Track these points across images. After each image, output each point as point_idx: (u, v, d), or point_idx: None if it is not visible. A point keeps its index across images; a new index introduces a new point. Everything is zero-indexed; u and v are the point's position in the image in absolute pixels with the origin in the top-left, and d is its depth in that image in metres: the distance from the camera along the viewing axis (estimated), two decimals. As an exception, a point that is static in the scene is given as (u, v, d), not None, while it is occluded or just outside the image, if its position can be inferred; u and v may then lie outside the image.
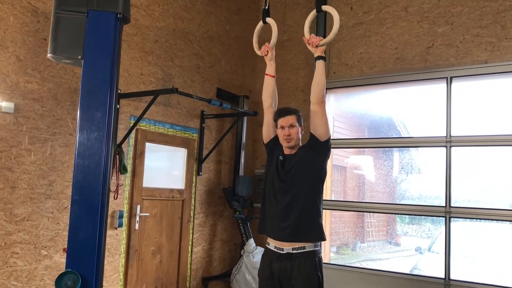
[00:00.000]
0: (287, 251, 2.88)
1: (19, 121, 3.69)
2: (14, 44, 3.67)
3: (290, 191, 2.93)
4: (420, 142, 5.13)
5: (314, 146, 2.96)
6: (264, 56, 3.26)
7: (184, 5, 5.25)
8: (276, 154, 3.09)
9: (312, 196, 2.94)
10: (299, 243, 2.87)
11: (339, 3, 5.67)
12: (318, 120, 2.93)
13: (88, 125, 2.68)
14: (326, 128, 2.94)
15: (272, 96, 3.18)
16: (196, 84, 5.38)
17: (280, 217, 2.91)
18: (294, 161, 2.97)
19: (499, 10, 4.63)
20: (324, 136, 2.93)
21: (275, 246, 2.94)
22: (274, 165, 3.05)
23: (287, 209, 2.90)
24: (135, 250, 4.59)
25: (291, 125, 3.01)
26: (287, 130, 3.00)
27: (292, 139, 3.00)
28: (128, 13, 2.92)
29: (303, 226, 2.88)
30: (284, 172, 2.98)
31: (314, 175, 2.96)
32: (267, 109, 3.17)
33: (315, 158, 2.96)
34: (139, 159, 4.68)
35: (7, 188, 3.60)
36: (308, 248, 2.88)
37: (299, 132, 3.05)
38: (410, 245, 5.91)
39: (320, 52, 3.00)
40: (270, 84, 3.19)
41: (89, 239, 2.62)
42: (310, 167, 2.95)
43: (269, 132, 3.17)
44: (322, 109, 2.93)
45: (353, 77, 5.49)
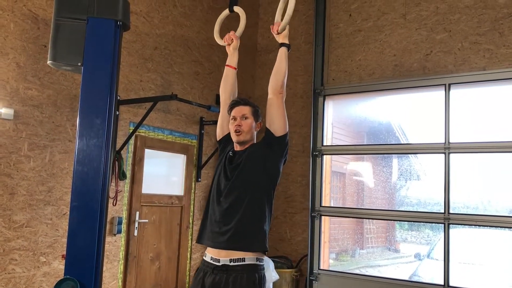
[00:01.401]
0: (224, 262, 2.45)
1: (19, 128, 3.70)
2: (14, 51, 3.69)
3: (234, 190, 2.54)
4: (418, 149, 5.15)
5: (267, 141, 2.62)
6: (227, 46, 3.01)
7: (184, 12, 5.28)
8: (227, 151, 2.74)
9: (259, 198, 2.54)
10: (238, 253, 2.45)
11: (338, 10, 5.70)
12: (274, 112, 2.61)
13: (87, 131, 2.69)
14: (282, 121, 2.60)
15: (231, 89, 2.90)
16: (195, 90, 5.40)
17: (220, 221, 2.53)
18: (243, 157, 2.61)
19: (496, 17, 4.65)
20: (279, 130, 2.59)
21: (211, 257, 2.52)
22: (223, 162, 2.70)
23: (229, 211, 2.51)
24: (134, 256, 4.58)
25: (244, 115, 2.66)
26: (238, 121, 2.65)
27: (243, 132, 2.63)
28: (128, 20, 2.93)
29: (245, 232, 2.48)
30: (231, 168, 2.62)
31: (264, 174, 2.58)
32: (223, 102, 2.88)
33: (268, 154, 2.60)
34: (138, 165, 4.68)
35: (6, 195, 3.60)
36: (248, 261, 2.45)
37: (253, 126, 2.68)
38: (409, 252, 5.90)
39: (282, 38, 2.74)
40: (231, 76, 2.92)
41: (88, 246, 2.61)
42: (260, 163, 2.58)
43: (222, 128, 2.85)
44: (279, 100, 2.61)
45: (352, 84, 5.51)
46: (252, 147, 2.67)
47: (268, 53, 6.23)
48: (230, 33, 3.00)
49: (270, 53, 6.16)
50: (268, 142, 2.62)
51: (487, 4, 4.72)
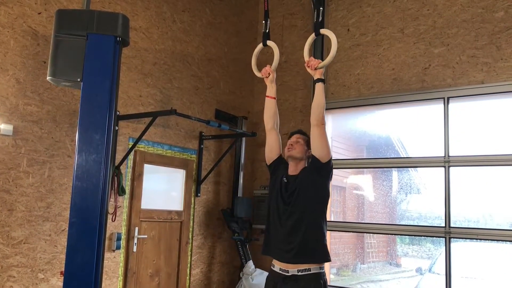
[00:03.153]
0: (292, 273, 2.86)
1: (18, 144, 3.69)
2: (14, 67, 3.70)
3: (294, 213, 2.92)
4: (418, 162, 5.14)
5: (316, 167, 2.96)
6: (265, 78, 3.29)
7: (183, 27, 5.31)
8: (279, 175, 3.09)
9: (316, 218, 2.93)
10: (304, 265, 2.86)
11: (336, 25, 5.73)
12: (318, 141, 2.93)
13: (86, 147, 2.68)
14: (326, 149, 2.94)
15: (274, 118, 3.20)
16: (194, 105, 5.41)
17: (285, 240, 2.91)
18: (297, 183, 2.97)
19: (494, 31, 4.68)
20: (325, 157, 2.93)
21: (280, 268, 2.92)
22: (278, 187, 3.05)
23: (292, 231, 2.90)
24: (133, 272, 4.55)
25: (297, 140, 3.09)
26: (292, 142, 3.09)
27: (294, 149, 3.05)
28: (127, 36, 2.95)
29: (308, 248, 2.88)
30: (288, 195, 2.98)
31: (317, 197, 2.96)
32: (269, 131, 3.19)
33: (317, 179, 2.96)
34: (138, 181, 4.66)
35: (4, 211, 3.58)
36: (314, 270, 2.86)
37: (304, 150, 3.07)
38: (411, 266, 5.85)
39: (319, 74, 3.03)
40: (271, 106, 3.21)
41: (87, 262, 2.59)
42: (312, 189, 2.95)
43: (271, 153, 3.18)
44: (322, 130, 2.94)
45: (350, 98, 5.53)
46: (303, 173, 3.02)
47: (267, 67, 6.25)
48: (266, 67, 3.27)
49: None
50: (316, 169, 2.96)
51: (484, 18, 4.75)
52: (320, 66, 3.03)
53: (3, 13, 3.67)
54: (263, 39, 3.43)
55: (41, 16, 3.92)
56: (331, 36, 3.05)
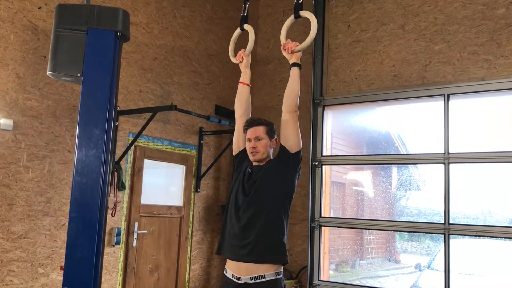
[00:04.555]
0: (245, 281, 2.56)
1: (18, 138, 3.69)
2: (14, 62, 3.69)
3: (252, 205, 2.64)
4: (418, 159, 5.14)
5: (283, 157, 2.72)
6: (239, 64, 3.12)
7: (183, 23, 5.30)
8: (244, 167, 2.84)
9: (276, 212, 2.65)
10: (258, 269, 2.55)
11: (337, 21, 5.72)
12: (289, 130, 2.71)
13: (86, 142, 2.69)
14: (296, 139, 2.72)
15: (245, 105, 3.01)
16: (194, 101, 5.40)
17: (240, 234, 2.62)
18: (260, 173, 2.72)
19: (495, 28, 4.68)
20: (294, 147, 2.71)
21: (232, 275, 2.62)
22: (241, 178, 2.79)
23: (248, 225, 2.61)
24: (133, 267, 4.56)
25: (258, 137, 2.77)
26: (253, 143, 2.76)
27: (258, 153, 2.75)
28: (128, 31, 2.95)
29: (265, 245, 2.59)
30: (249, 184, 2.72)
31: (280, 189, 2.69)
32: (238, 118, 2.98)
33: (283, 170, 2.71)
34: (137, 176, 4.67)
35: (4, 206, 3.59)
36: (269, 277, 2.55)
37: (268, 145, 2.79)
38: (410, 262, 5.87)
39: (295, 58, 2.85)
40: (244, 92, 3.04)
41: (86, 257, 2.60)
42: (277, 180, 2.69)
43: (238, 143, 2.95)
44: (294, 118, 2.72)
45: (351, 94, 5.52)
46: (269, 164, 2.77)
47: (266, 64, 6.25)
48: (240, 51, 3.12)
49: (269, 64, 6.18)
50: (284, 159, 2.71)
51: (485, 15, 4.74)
52: (297, 50, 2.84)
53: (3, 7, 3.66)
54: (241, 23, 3.28)
55: (41, 11, 3.91)
56: (311, 18, 2.86)
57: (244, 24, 3.26)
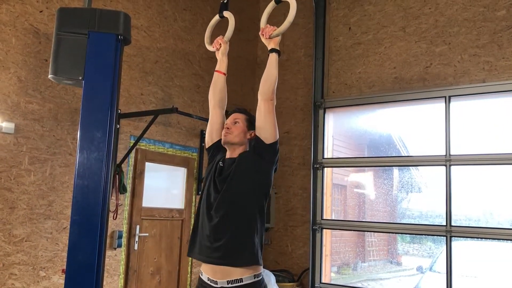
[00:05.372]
0: (222, 285, 2.35)
1: (19, 142, 3.70)
2: (15, 65, 3.70)
3: (224, 203, 2.41)
4: (419, 161, 5.14)
5: (257, 149, 2.49)
6: (216, 51, 2.97)
7: (184, 26, 5.31)
8: (216, 160, 2.63)
9: (250, 210, 2.42)
10: (234, 273, 2.34)
11: (338, 24, 5.73)
12: (264, 118, 2.54)
13: (88, 145, 2.69)
14: (273, 128, 2.51)
15: (220, 95, 2.88)
16: (196, 103, 5.41)
17: (211, 235, 2.39)
18: (233, 167, 2.48)
19: (495, 30, 4.68)
20: (270, 137, 2.49)
21: (208, 278, 2.41)
22: (212, 173, 2.56)
23: (219, 225, 2.38)
24: (134, 270, 4.55)
25: (236, 120, 2.65)
26: (229, 124, 2.63)
27: (230, 134, 2.58)
28: (129, 34, 2.95)
29: (238, 247, 2.37)
30: (220, 180, 2.49)
31: (255, 184, 2.45)
32: (212, 108, 2.85)
33: (258, 163, 2.47)
34: (139, 179, 4.67)
35: (6, 209, 3.59)
36: (246, 281, 2.34)
37: (244, 132, 2.61)
38: (412, 265, 5.86)
39: (274, 44, 2.69)
40: (220, 81, 2.93)
41: (88, 260, 2.60)
42: (251, 173, 2.46)
43: (211, 135, 2.77)
44: (270, 106, 2.57)
45: (352, 97, 5.52)
46: (242, 155, 2.55)
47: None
48: (218, 38, 2.96)
49: (270, 66, 6.17)
50: (259, 150, 2.50)
51: (486, 17, 4.75)
52: (275, 34, 2.68)
53: (5, 11, 3.67)
54: (220, 10, 3.10)
55: (43, 14, 3.92)
56: (290, 1, 2.72)
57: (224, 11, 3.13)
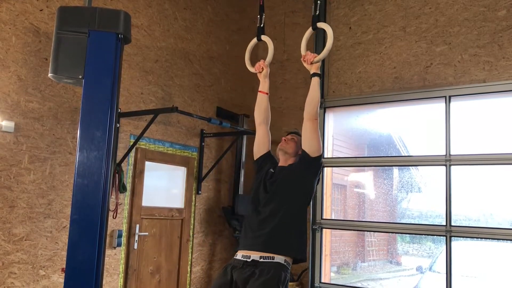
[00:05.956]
0: (254, 258, 2.68)
1: (19, 140, 3.70)
2: (15, 64, 3.70)
3: (272, 202, 2.81)
4: (419, 161, 5.13)
5: (304, 162, 2.89)
6: (258, 73, 3.30)
7: (185, 25, 5.31)
8: (266, 168, 3.02)
9: (294, 211, 2.81)
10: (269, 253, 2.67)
11: (338, 23, 5.72)
12: (310, 135, 2.88)
13: (88, 144, 2.69)
14: (317, 143, 2.88)
15: (265, 113, 3.19)
16: (196, 103, 5.41)
17: (257, 226, 2.77)
18: (282, 173, 2.91)
19: (496, 30, 4.67)
20: (315, 151, 2.87)
21: (242, 255, 2.74)
22: (263, 177, 2.97)
23: (266, 218, 2.76)
24: (134, 270, 4.55)
25: (292, 138, 3.06)
26: (287, 138, 3.06)
27: (287, 144, 3.02)
28: (129, 33, 2.95)
29: (278, 238, 2.71)
30: (270, 182, 2.90)
31: (299, 190, 2.88)
32: (258, 126, 3.16)
33: (304, 172, 2.89)
34: (139, 178, 4.67)
35: (6, 208, 3.59)
36: (277, 260, 2.66)
37: (296, 148, 3.01)
38: (411, 265, 5.86)
39: (315, 69, 3.01)
40: (263, 101, 3.23)
41: (88, 259, 2.60)
42: (297, 180, 2.87)
43: (260, 148, 3.11)
44: (315, 125, 2.90)
45: (352, 96, 5.52)
46: (291, 165, 2.96)
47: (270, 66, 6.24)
48: (260, 61, 3.29)
49: (270, 66, 6.16)
50: (305, 163, 2.88)
51: (487, 17, 4.74)
52: (316, 60, 2.99)
53: (5, 10, 3.67)
54: (258, 34, 3.44)
55: (43, 13, 3.92)
56: (327, 30, 3.02)
57: (262, 35, 3.42)
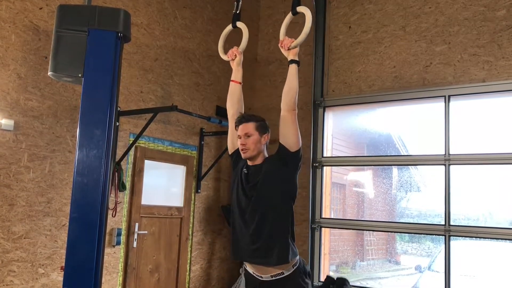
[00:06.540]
0: (266, 278, 2.66)
1: (19, 139, 3.70)
2: (15, 62, 3.70)
3: (257, 209, 2.65)
4: (419, 160, 5.14)
5: (283, 157, 2.67)
6: (231, 61, 3.06)
7: (184, 24, 5.31)
8: (240, 166, 2.83)
9: (282, 214, 2.67)
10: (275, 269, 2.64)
11: (338, 22, 5.73)
12: (288, 128, 2.65)
13: (87, 142, 2.69)
14: (296, 137, 2.65)
15: (237, 104, 2.96)
16: (195, 102, 5.41)
17: (250, 238, 2.66)
18: (260, 175, 2.69)
19: (495, 29, 4.68)
20: (294, 146, 2.65)
21: (253, 272, 2.73)
22: (239, 179, 2.78)
23: (256, 230, 2.64)
24: (133, 268, 4.56)
25: (247, 134, 2.72)
26: (242, 139, 2.73)
27: (248, 150, 2.71)
28: (129, 32, 2.95)
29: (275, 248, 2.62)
30: (249, 187, 2.70)
31: (282, 191, 2.68)
32: (231, 117, 2.94)
33: (284, 171, 2.67)
34: (138, 177, 4.67)
35: (5, 206, 3.59)
36: (287, 272, 2.65)
37: (258, 141, 2.72)
38: (410, 264, 5.87)
39: (292, 55, 2.77)
40: (236, 91, 2.98)
41: (87, 257, 2.60)
42: (278, 181, 2.67)
43: (233, 142, 2.91)
44: (293, 117, 2.66)
45: (351, 95, 5.52)
46: (266, 164, 2.72)
47: (267, 64, 6.25)
48: (233, 48, 3.04)
49: (270, 64, 6.18)
50: (283, 158, 2.67)
51: (486, 16, 4.74)
52: (293, 46, 2.76)
53: (5, 8, 3.66)
54: (233, 21, 3.23)
55: (43, 11, 3.92)
56: (306, 13, 2.81)
57: (237, 21, 3.20)
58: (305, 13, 2.82)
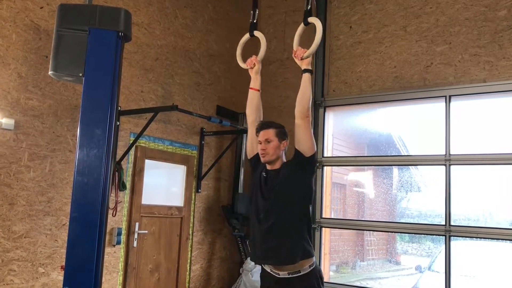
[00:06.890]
0: (283, 276, 2.78)
1: (19, 138, 3.70)
2: (15, 61, 3.70)
3: (273, 211, 2.79)
4: (419, 161, 5.14)
5: (298, 162, 2.82)
6: (250, 69, 3.19)
7: (185, 23, 5.31)
8: (259, 170, 2.97)
9: (296, 215, 2.80)
10: (292, 268, 2.76)
11: (339, 22, 5.72)
12: (302, 134, 2.78)
13: (87, 142, 2.69)
14: (310, 142, 2.79)
15: (257, 111, 3.08)
16: (196, 101, 5.41)
17: (264, 239, 2.80)
18: (277, 179, 2.84)
19: (496, 30, 4.67)
20: (309, 151, 2.79)
21: (271, 269, 2.84)
22: (258, 182, 2.92)
23: (271, 230, 2.77)
24: (133, 268, 4.56)
25: (267, 140, 2.86)
26: (263, 145, 2.87)
27: (267, 154, 2.85)
28: (129, 32, 2.95)
29: (290, 248, 2.75)
30: (267, 190, 2.85)
31: (299, 194, 2.82)
32: (251, 123, 3.07)
33: (300, 175, 2.82)
34: (138, 176, 4.67)
35: (5, 205, 3.59)
36: (304, 271, 2.77)
37: (278, 147, 2.87)
38: (410, 264, 5.87)
39: (306, 64, 2.91)
40: (255, 98, 3.09)
41: (87, 257, 2.60)
42: (295, 185, 2.81)
43: (252, 147, 3.05)
44: (307, 123, 2.79)
45: (352, 95, 5.52)
46: (285, 168, 2.87)
47: (268, 64, 6.24)
48: (252, 57, 3.18)
49: (270, 64, 6.17)
50: (299, 163, 2.81)
51: (487, 16, 4.74)
52: (306, 55, 2.90)
53: (5, 7, 3.66)
54: (250, 30, 3.34)
55: (43, 11, 3.92)
56: (316, 24, 2.95)
57: (254, 30, 3.34)
58: (316, 24, 2.98)
